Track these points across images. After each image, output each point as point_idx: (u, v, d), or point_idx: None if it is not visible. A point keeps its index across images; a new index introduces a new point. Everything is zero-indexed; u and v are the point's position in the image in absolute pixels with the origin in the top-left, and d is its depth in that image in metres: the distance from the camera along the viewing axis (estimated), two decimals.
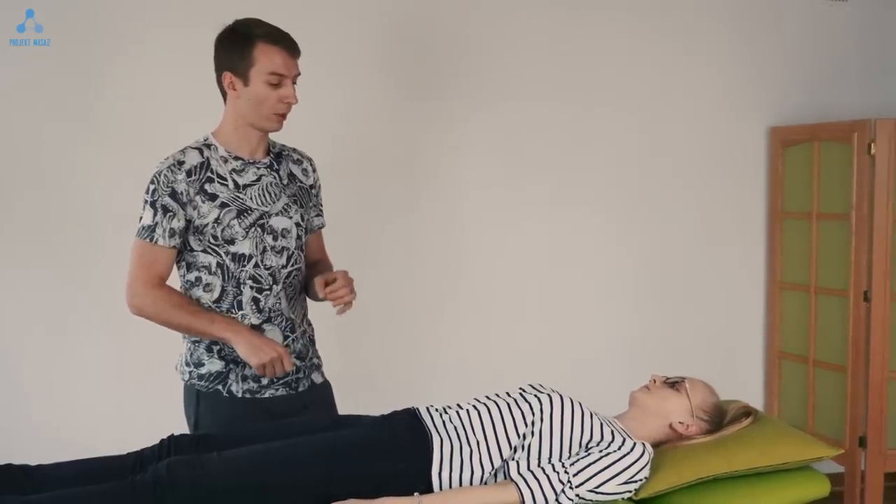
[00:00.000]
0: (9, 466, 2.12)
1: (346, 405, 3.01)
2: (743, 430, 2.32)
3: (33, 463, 2.14)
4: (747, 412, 2.39)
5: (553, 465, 2.11)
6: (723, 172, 4.04)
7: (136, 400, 3.49)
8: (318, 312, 3.62)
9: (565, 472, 2.09)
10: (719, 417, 2.37)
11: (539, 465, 2.12)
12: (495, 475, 2.14)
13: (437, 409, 2.27)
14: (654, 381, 2.40)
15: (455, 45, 3.73)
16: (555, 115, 3.83)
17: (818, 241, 3.83)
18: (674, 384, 2.38)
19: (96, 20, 3.39)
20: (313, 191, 2.65)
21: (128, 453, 2.18)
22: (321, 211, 2.70)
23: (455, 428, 2.19)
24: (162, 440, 2.20)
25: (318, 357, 2.66)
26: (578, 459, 2.12)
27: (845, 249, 3.67)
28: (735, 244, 4.08)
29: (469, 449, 2.14)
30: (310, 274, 2.61)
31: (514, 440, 2.17)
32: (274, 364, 2.31)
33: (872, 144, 3.55)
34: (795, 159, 3.93)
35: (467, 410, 2.24)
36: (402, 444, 2.13)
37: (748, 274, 4.11)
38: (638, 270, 3.98)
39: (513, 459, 2.15)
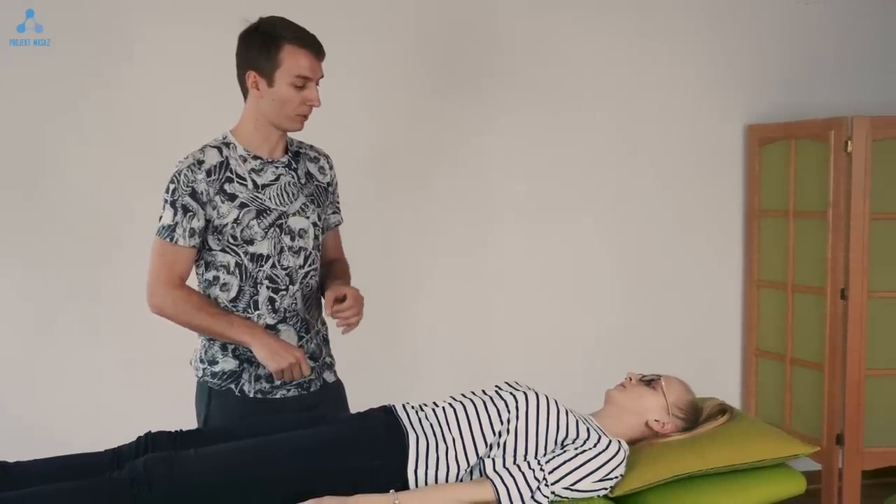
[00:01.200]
0: None
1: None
2: (718, 428, 2.32)
3: (11, 460, 2.12)
4: (723, 410, 2.40)
5: (529, 463, 2.11)
6: (700, 171, 4.07)
7: (118, 398, 3.48)
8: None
9: (541, 469, 2.09)
10: (695, 415, 2.37)
11: (515, 463, 2.12)
12: (471, 472, 2.14)
13: (413, 407, 2.26)
14: (630, 379, 2.40)
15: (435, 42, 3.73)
16: (530, 114, 3.84)
17: (795, 238, 3.85)
18: (650, 382, 2.38)
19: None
20: (330, 188, 2.62)
21: (105, 450, 2.17)
22: (338, 208, 2.68)
23: (431, 425, 2.18)
24: (139, 437, 2.19)
25: (332, 356, 2.65)
26: (554, 457, 2.12)
27: (822, 247, 3.70)
28: (712, 242, 4.11)
29: (445, 446, 2.14)
30: (325, 273, 2.59)
31: (490, 438, 2.16)
32: (292, 369, 2.32)
33: (849, 142, 3.58)
34: (772, 157, 3.95)
35: (443, 408, 2.23)
36: (378, 441, 2.13)
37: (726, 272, 4.13)
38: (616, 269, 4.00)
39: (489, 457, 2.15)
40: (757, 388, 4.11)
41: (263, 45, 2.34)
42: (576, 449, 2.13)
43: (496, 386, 2.33)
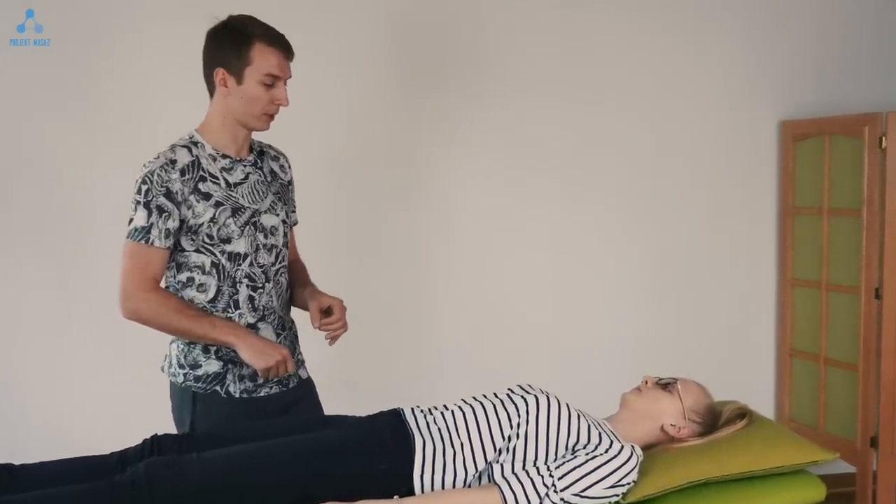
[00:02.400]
0: None
1: (343, 400, 2.99)
2: (737, 433, 2.27)
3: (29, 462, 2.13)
4: (741, 414, 2.34)
5: (538, 468, 2.07)
6: (732, 168, 3.98)
7: (135, 399, 3.47)
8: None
9: (550, 475, 2.05)
10: (712, 419, 2.32)
11: (524, 468, 2.08)
12: (479, 478, 2.11)
13: (422, 410, 2.23)
14: (646, 383, 2.35)
15: (457, 41, 3.69)
16: (559, 111, 3.78)
17: (829, 236, 3.75)
18: (666, 385, 2.33)
19: (96, 20, 3.37)
20: (290, 187, 2.64)
21: (111, 453, 2.17)
22: (294, 208, 2.69)
23: (439, 429, 2.15)
24: (145, 440, 2.19)
25: (301, 353, 2.66)
26: (564, 462, 2.08)
27: (856, 245, 3.60)
28: (745, 241, 4.02)
29: (452, 451, 2.11)
30: (290, 278, 2.61)
31: (499, 442, 2.13)
32: (278, 367, 2.32)
33: (884, 138, 3.48)
34: (806, 154, 3.85)
35: (452, 412, 2.20)
36: (384, 445, 2.10)
37: (759, 271, 4.04)
38: (646, 268, 3.93)
39: (497, 462, 2.11)
40: (791, 389, 4.02)
41: (234, 42, 2.33)
42: (587, 454, 2.09)
43: (509, 389, 2.30)
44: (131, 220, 2.33)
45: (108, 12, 3.38)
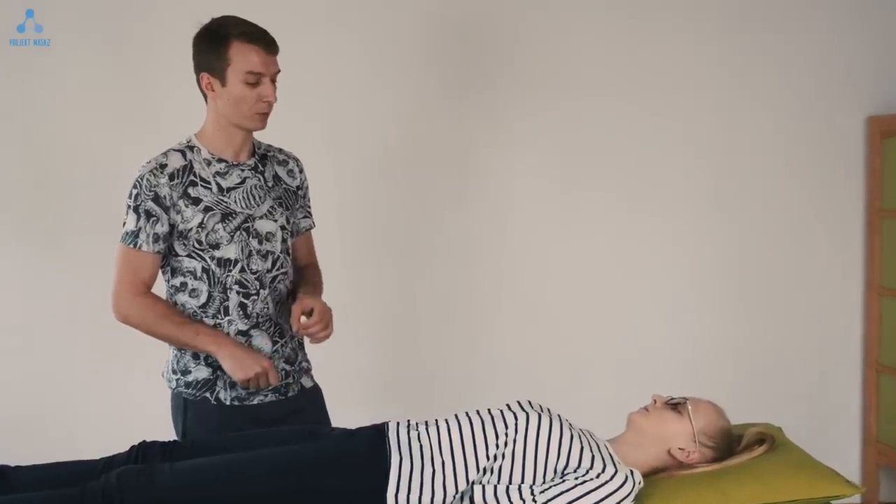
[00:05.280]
0: None
1: (396, 407, 2.92)
2: (753, 460, 2.07)
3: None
4: (761, 439, 2.14)
5: (521, 492, 1.94)
6: (815, 167, 3.69)
7: (143, 402, 3.44)
8: (372, 314, 3.61)
9: (533, 500, 1.92)
10: (727, 444, 2.13)
11: (506, 492, 1.95)
12: (461, 499, 1.98)
13: (410, 424, 2.13)
14: (655, 402, 2.17)
15: (507, 39, 3.55)
16: (616, 110, 3.59)
17: None
18: (675, 405, 2.15)
19: (96, 20, 3.38)
20: (300, 192, 2.58)
21: (100, 458, 2.15)
22: (309, 212, 2.63)
23: (420, 446, 2.04)
24: (132, 446, 2.15)
25: (308, 361, 2.59)
26: (550, 487, 1.94)
27: None
28: (828, 246, 3.72)
29: (431, 470, 1.99)
30: (297, 279, 2.54)
31: (483, 462, 2.00)
32: (259, 378, 2.29)
33: None
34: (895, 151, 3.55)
35: (437, 427, 2.09)
36: (359, 461, 2.00)
37: (843, 279, 3.74)
38: (715, 275, 3.68)
39: (480, 483, 1.98)
40: (878, 408, 3.71)
41: (212, 44, 2.31)
42: (576, 479, 1.95)
43: (506, 404, 2.16)
44: (124, 224, 2.34)
45: (108, 12, 3.38)
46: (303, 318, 2.38)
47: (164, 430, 2.49)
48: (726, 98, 3.63)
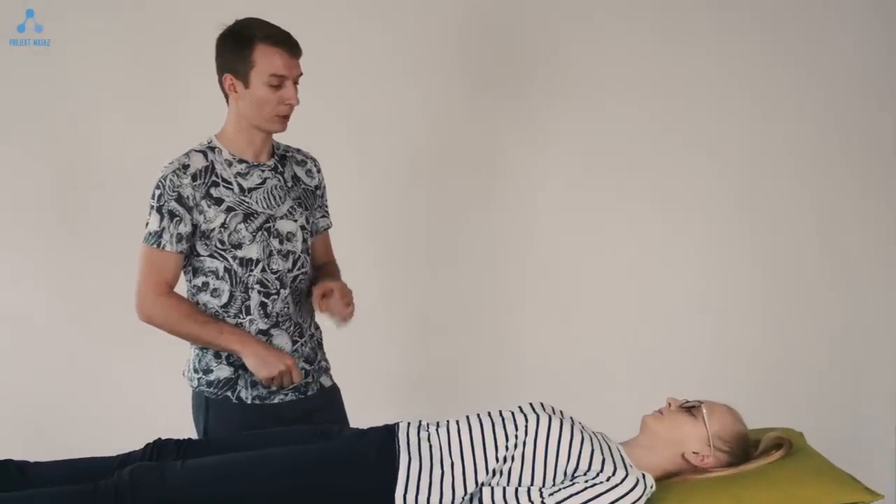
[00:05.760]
0: (8, 462, 2.14)
1: (424, 407, 2.91)
2: (770, 465, 2.04)
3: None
4: (778, 444, 2.10)
5: (530, 494, 1.92)
6: (854, 168, 3.57)
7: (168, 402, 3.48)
8: (399, 314, 3.61)
9: (542, 502, 1.90)
10: (743, 449, 2.09)
11: (515, 494, 1.94)
12: (470, 500, 1.97)
13: (421, 425, 2.12)
14: (669, 405, 2.15)
15: (536, 40, 3.52)
16: (647, 111, 3.53)
17: None
18: (690, 409, 2.12)
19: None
20: (318, 192, 2.60)
21: (116, 455, 2.17)
22: (327, 212, 2.65)
23: (430, 447, 2.03)
24: (147, 444, 2.18)
25: (326, 360, 2.61)
26: (560, 489, 1.93)
27: None
28: (861, 248, 3.61)
29: (441, 471, 1.98)
30: (316, 277, 2.56)
31: (493, 464, 1.99)
32: (283, 376, 2.31)
33: None
34: None
35: (448, 429, 2.08)
36: (368, 461, 2.00)
37: (876, 282, 3.62)
38: (748, 286, 3.60)
39: (489, 484, 1.97)
40: None
41: (236, 46, 2.33)
42: (586, 482, 1.93)
43: (518, 406, 2.14)
44: (147, 224, 2.36)
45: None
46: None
47: (186, 429, 2.52)
48: (754, 98, 3.55)
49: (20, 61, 3.39)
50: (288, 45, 2.33)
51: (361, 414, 2.61)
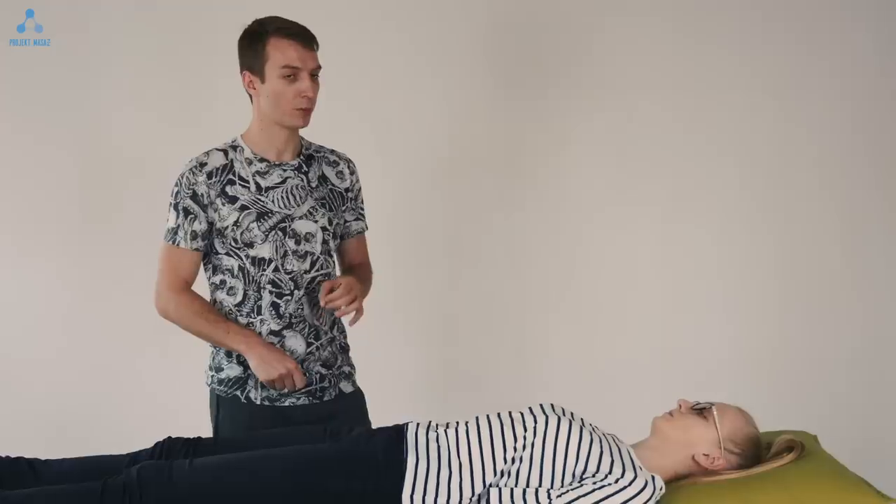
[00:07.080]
0: (19, 459, 2.16)
1: (445, 410, 2.90)
2: (781, 468, 2.01)
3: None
4: (790, 447, 2.07)
5: (537, 496, 1.91)
6: (879, 169, 3.53)
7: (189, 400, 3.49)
8: (421, 315, 3.60)
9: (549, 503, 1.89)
10: (755, 451, 2.06)
11: (523, 495, 1.93)
12: (478, 501, 1.96)
13: (430, 426, 2.11)
14: (680, 407, 2.12)
15: (562, 39, 3.51)
16: (674, 111, 3.51)
17: None
18: (701, 411, 2.10)
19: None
20: (349, 194, 2.56)
21: (126, 453, 2.18)
22: (361, 215, 2.62)
23: (439, 448, 2.03)
24: (157, 443, 2.18)
25: (351, 365, 2.58)
26: (568, 491, 1.91)
27: None
28: (892, 256, 3.55)
29: (448, 472, 1.97)
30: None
31: (501, 465, 1.98)
32: (284, 379, 2.31)
33: None
34: None
35: (455, 429, 2.07)
36: (375, 462, 1.99)
37: None
38: (773, 285, 3.56)
39: (497, 485, 1.96)
40: None
41: (251, 42, 2.34)
42: (594, 483, 1.91)
43: (528, 407, 2.13)
44: (167, 221, 2.39)
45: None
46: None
47: (207, 429, 2.54)
48: (779, 98, 3.52)
49: (36, 61, 3.41)
50: (301, 36, 2.33)
51: (382, 415, 2.59)
